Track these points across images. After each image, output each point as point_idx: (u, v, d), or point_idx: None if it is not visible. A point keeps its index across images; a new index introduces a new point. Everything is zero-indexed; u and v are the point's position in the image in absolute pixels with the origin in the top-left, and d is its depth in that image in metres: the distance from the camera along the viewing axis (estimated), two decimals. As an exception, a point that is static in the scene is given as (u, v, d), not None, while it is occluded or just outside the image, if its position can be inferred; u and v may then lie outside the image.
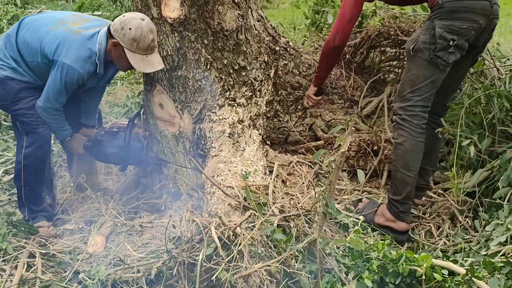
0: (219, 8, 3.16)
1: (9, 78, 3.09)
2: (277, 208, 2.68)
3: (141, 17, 2.98)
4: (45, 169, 3.29)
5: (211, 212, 2.69)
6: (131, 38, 2.94)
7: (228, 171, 2.95)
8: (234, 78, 3.35)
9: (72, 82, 3.02)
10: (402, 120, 2.94)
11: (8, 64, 3.09)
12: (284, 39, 3.91)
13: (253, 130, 3.42)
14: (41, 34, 3.03)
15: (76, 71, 2.97)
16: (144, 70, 3.08)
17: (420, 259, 2.01)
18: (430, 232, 3.09)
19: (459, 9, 2.76)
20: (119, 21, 2.99)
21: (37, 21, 3.14)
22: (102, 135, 3.50)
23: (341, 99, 4.07)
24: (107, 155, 3.50)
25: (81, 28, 3.07)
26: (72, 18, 3.18)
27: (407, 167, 2.93)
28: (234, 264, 2.23)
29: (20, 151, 3.21)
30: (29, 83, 3.13)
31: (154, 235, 3.11)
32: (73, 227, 3.30)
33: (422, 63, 2.87)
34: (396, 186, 2.99)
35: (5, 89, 3.11)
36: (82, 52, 3.00)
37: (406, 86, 2.94)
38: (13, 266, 2.87)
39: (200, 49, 3.20)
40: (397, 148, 2.99)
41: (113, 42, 3.00)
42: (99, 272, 2.61)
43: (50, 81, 3.03)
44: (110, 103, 5.36)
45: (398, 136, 2.97)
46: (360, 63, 4.28)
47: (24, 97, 3.12)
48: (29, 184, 3.24)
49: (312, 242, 2.12)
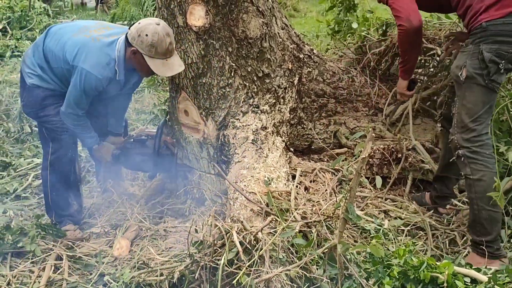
0: (244, 16, 3.21)
1: (35, 86, 3.16)
2: (298, 214, 2.69)
3: (156, 22, 2.99)
4: (71, 174, 3.34)
5: (233, 217, 2.72)
6: (149, 44, 2.95)
7: (251, 177, 2.97)
8: (258, 85, 3.38)
9: (91, 88, 3.04)
10: (473, 153, 2.70)
11: (34, 72, 3.16)
12: (308, 47, 3.93)
13: (277, 137, 3.44)
14: (64, 41, 3.09)
15: (94, 76, 3.00)
16: (166, 74, 3.11)
17: (442, 266, 1.99)
18: (454, 240, 3.04)
19: (505, 32, 2.62)
20: (135, 28, 3.00)
21: (61, 29, 3.21)
22: (130, 143, 3.53)
23: (366, 107, 4.06)
24: (137, 163, 3.52)
25: (101, 36, 3.11)
26: (94, 25, 3.24)
27: (493, 202, 2.58)
28: (255, 268, 2.23)
29: (46, 158, 3.29)
30: (54, 90, 3.19)
31: (177, 239, 3.15)
32: (99, 231, 3.37)
33: (477, 90, 2.70)
34: (483, 226, 2.69)
35: (32, 97, 3.19)
36: (100, 58, 3.03)
37: (465, 116, 2.72)
38: (41, 268, 2.94)
39: (225, 56, 3.25)
40: (476, 185, 2.69)
41: (131, 50, 3.02)
42: (123, 275, 2.66)
43: (71, 87, 3.08)
44: (137, 110, 5.47)
45: (472, 171, 2.70)
46: (385, 71, 4.26)
47: (49, 104, 3.19)
48: (55, 190, 3.31)
49: (333, 248, 2.12)
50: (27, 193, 3.90)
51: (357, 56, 4.37)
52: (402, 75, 3.29)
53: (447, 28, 3.82)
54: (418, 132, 3.90)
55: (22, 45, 8.31)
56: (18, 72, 5.84)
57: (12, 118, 5.06)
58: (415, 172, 3.54)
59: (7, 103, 5.34)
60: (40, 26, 9.12)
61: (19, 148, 4.60)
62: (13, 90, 5.66)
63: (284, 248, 2.41)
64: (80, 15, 11.52)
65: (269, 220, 2.50)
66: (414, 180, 3.56)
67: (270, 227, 2.51)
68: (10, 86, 5.84)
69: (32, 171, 4.17)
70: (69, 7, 12.17)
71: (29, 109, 3.28)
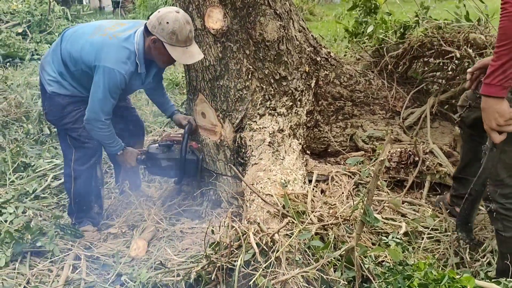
0: (261, 19, 3.22)
1: (55, 94, 3.16)
2: (315, 216, 2.68)
3: (176, 10, 2.99)
4: (93, 180, 3.36)
5: (250, 219, 2.72)
6: (170, 32, 2.94)
7: (267, 179, 2.98)
8: (275, 87, 3.39)
9: (116, 86, 3.02)
10: (507, 210, 2.46)
11: (54, 79, 3.16)
12: (325, 50, 3.93)
13: (293, 139, 3.44)
14: (81, 44, 3.08)
15: (117, 72, 2.98)
16: (186, 61, 3.09)
17: (464, 280, 1.96)
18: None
19: None
20: (155, 17, 2.99)
21: (76, 32, 3.20)
22: (156, 148, 3.49)
23: (383, 110, 4.04)
24: (163, 169, 3.50)
25: (117, 32, 3.10)
26: (108, 23, 3.23)
27: None
28: (271, 270, 2.24)
29: (68, 165, 3.30)
30: (73, 96, 3.18)
31: (194, 240, 3.16)
32: (116, 231, 3.40)
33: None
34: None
35: (53, 105, 3.20)
36: (121, 53, 3.02)
37: (502, 171, 2.40)
38: (59, 267, 2.97)
39: (242, 59, 3.26)
40: (508, 242, 2.50)
41: (152, 39, 3.00)
42: (140, 275, 2.67)
43: (94, 89, 3.04)
44: (154, 113, 5.51)
45: (505, 228, 2.50)
46: (402, 74, 4.24)
47: (70, 111, 3.19)
48: (78, 196, 3.33)
49: (350, 250, 2.11)
50: (46, 194, 3.95)
51: (374, 59, 4.36)
52: (498, 90, 2.07)
53: (466, 31, 3.78)
54: (436, 135, 3.87)
55: (42, 48, 8.47)
56: (37, 75, 5.93)
57: (32, 120, 5.15)
58: (432, 175, 3.50)
59: (26, 105, 5.43)
60: (59, 30, 9.27)
61: (38, 149, 4.67)
62: (33, 92, 5.75)
63: (301, 250, 2.41)
64: (98, 19, 11.65)
65: (285, 222, 2.50)
66: (431, 183, 3.53)
67: (287, 229, 2.51)
68: (30, 88, 5.94)
69: (51, 172, 4.23)
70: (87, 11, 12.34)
71: (51, 117, 3.29)
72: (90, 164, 3.30)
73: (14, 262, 2.99)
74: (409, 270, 2.05)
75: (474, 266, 2.78)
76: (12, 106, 5.38)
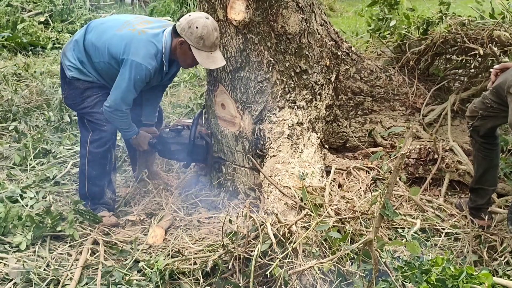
0: (283, 12, 3.22)
1: (75, 79, 3.28)
2: (332, 210, 2.69)
3: (206, 16, 3.10)
4: (107, 164, 3.43)
5: (267, 210, 2.74)
6: (198, 36, 3.05)
7: (285, 172, 2.99)
8: (295, 81, 3.39)
9: (141, 79, 3.12)
10: None
11: (74, 65, 3.27)
12: (346, 44, 3.91)
13: (312, 133, 3.44)
14: (107, 36, 3.19)
15: (144, 67, 3.09)
16: (209, 66, 3.19)
17: (482, 276, 1.95)
18: (493, 246, 2.97)
19: None
20: (186, 20, 3.10)
21: (103, 24, 3.31)
22: (167, 132, 3.60)
23: (403, 106, 4.01)
24: (172, 152, 3.60)
25: (146, 28, 3.21)
26: (136, 20, 3.33)
27: None
28: (288, 261, 2.25)
29: (84, 146, 3.37)
30: (93, 82, 3.30)
31: (211, 230, 3.19)
32: (135, 219, 3.44)
33: None
34: None
35: (72, 89, 3.31)
36: (149, 49, 3.13)
37: None
38: (78, 252, 3.02)
39: (263, 51, 3.26)
40: None
41: (179, 40, 3.12)
42: (157, 262, 2.70)
43: (119, 80, 3.15)
44: (173, 104, 5.54)
45: None
46: (424, 70, 4.21)
47: (89, 96, 3.29)
48: (91, 179, 3.40)
49: (368, 243, 2.11)
50: (65, 180, 4.00)
51: (396, 55, 4.33)
52: None
53: (490, 28, 3.73)
54: (456, 133, 3.84)
55: (63, 37, 8.56)
56: (58, 63, 6.00)
57: (53, 108, 5.21)
58: (451, 173, 3.48)
59: (48, 93, 5.49)
60: (80, 20, 9.36)
61: (58, 137, 4.73)
62: (54, 80, 5.83)
63: (318, 242, 2.42)
64: (118, 10, 11.73)
65: (303, 214, 2.51)
66: (450, 181, 3.50)
67: (304, 221, 2.52)
68: (51, 77, 6.02)
69: (71, 159, 4.28)
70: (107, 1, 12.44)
71: (70, 101, 3.40)
72: (106, 147, 3.37)
73: (34, 245, 3.04)
74: (426, 265, 2.05)
75: (492, 265, 2.77)
76: (34, 94, 5.45)
